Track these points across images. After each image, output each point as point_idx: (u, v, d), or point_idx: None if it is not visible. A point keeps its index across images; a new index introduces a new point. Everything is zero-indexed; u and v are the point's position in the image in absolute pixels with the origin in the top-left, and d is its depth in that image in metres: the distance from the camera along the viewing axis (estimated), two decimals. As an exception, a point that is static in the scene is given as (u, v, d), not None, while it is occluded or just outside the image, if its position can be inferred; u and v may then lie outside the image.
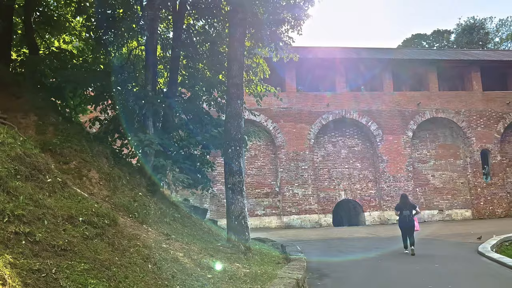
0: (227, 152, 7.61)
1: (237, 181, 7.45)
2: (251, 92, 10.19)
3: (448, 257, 10.42)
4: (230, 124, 7.65)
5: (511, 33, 44.98)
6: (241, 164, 7.59)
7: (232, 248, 6.98)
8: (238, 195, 7.40)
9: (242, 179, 7.56)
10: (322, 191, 22.15)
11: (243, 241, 7.16)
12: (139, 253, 5.24)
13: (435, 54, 25.68)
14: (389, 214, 21.83)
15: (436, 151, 23.31)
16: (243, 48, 8.05)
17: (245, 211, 7.46)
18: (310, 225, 21.17)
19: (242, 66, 7.96)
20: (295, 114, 22.23)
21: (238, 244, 7.07)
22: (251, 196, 21.74)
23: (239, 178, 7.52)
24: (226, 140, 7.68)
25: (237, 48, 7.73)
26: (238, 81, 7.72)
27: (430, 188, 22.80)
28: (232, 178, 7.49)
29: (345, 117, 22.50)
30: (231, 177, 7.52)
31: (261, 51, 10.01)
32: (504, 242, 13.07)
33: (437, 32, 47.32)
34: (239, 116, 7.68)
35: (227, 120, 7.77)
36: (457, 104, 23.07)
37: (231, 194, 7.45)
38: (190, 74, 9.92)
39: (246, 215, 7.42)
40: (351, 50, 25.89)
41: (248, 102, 22.27)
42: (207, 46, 9.47)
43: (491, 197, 22.54)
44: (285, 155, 21.81)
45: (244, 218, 7.32)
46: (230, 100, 7.77)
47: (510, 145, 23.77)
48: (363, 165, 22.71)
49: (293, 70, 22.80)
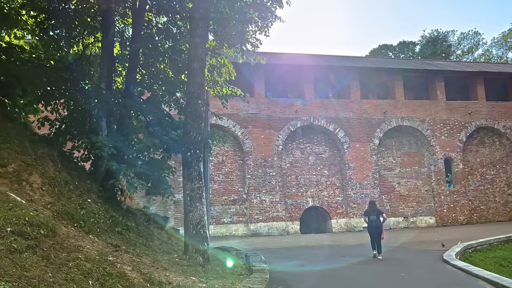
0: (186, 156, 7.04)
1: (197, 187, 6.90)
2: (216, 94, 9.68)
3: (414, 265, 10.29)
4: (189, 126, 7.11)
5: (471, 46, 46.92)
6: (201, 168, 7.07)
7: (189, 260, 6.44)
8: (197, 202, 6.85)
9: (202, 185, 7.02)
10: (289, 198, 21.89)
11: (202, 252, 6.61)
12: (79, 267, 4.63)
13: (401, 64, 26.18)
14: (356, 221, 21.84)
15: (401, 159, 23.62)
16: (205, 45, 7.57)
17: (205, 219, 6.92)
18: (277, 232, 20.82)
19: (204, 64, 7.47)
20: (263, 120, 21.93)
21: (196, 256, 6.52)
22: (217, 203, 21.18)
23: (199, 184, 6.97)
24: (185, 142, 7.12)
25: (198, 44, 7.24)
26: (199, 80, 7.21)
27: (396, 195, 23.03)
28: (191, 183, 6.94)
29: (313, 124, 22.43)
30: (189, 182, 6.96)
31: (227, 51, 9.57)
32: (467, 249, 13.17)
33: (403, 43, 48.66)
34: (199, 117, 7.17)
35: (187, 121, 7.21)
36: (422, 113, 23.52)
37: (189, 201, 6.88)
38: (151, 73, 9.34)
39: (205, 224, 6.88)
40: (320, 58, 25.97)
41: (216, 107, 21.89)
42: (169, 43, 8.95)
43: (453, 204, 23.02)
44: (253, 161, 21.42)
45: (203, 227, 6.78)
46: (190, 99, 7.24)
47: (472, 154, 24.43)
48: (331, 172, 22.67)
49: (262, 75, 22.57)
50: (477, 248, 13.81)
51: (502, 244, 14.73)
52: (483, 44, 47.72)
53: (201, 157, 7.10)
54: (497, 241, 14.75)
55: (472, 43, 47.49)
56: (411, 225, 22.75)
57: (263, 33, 9.88)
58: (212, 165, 21.46)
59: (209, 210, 20.89)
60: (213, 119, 21.64)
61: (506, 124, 24.36)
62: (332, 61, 25.14)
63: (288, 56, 25.53)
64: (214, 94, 9.53)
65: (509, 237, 15.26)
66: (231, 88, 9.60)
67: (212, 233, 20.62)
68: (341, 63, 24.63)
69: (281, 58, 24.69)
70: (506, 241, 15.02)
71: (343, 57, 27.00)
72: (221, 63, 9.35)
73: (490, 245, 14.39)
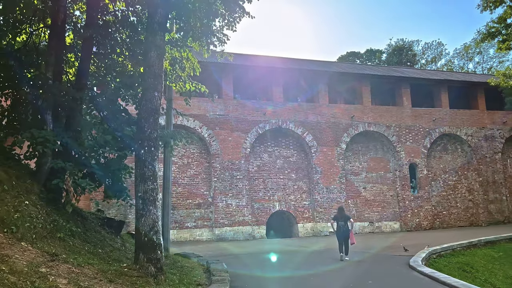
0: (139, 154, 6.35)
1: (150, 188, 6.23)
2: (178, 89, 9.02)
3: (381, 272, 10.03)
4: (144, 120, 6.42)
5: (435, 56, 48.45)
6: (156, 168, 6.40)
7: (140, 270, 5.77)
8: (151, 206, 6.17)
9: (157, 187, 6.36)
10: (256, 202, 21.41)
11: (154, 261, 5.94)
12: (2, 281, 3.90)
13: (369, 70, 26.39)
14: (322, 226, 21.64)
15: (367, 164, 23.71)
16: (165, 33, 6.95)
17: (159, 225, 6.26)
18: (243, 237, 20.26)
19: (163, 53, 6.82)
20: (231, 122, 21.38)
21: (148, 265, 5.85)
22: (181, 207, 20.38)
23: (153, 185, 6.29)
24: (138, 139, 6.43)
25: (157, 31, 6.58)
26: (157, 70, 6.55)
27: (362, 200, 23.05)
28: (144, 185, 6.24)
29: (281, 127, 22.10)
30: (142, 183, 6.26)
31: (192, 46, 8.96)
32: (432, 254, 13.14)
33: (370, 51, 49.57)
34: (155, 111, 6.51)
35: (141, 116, 6.50)
36: (388, 118, 23.73)
37: (141, 205, 6.18)
38: (106, 65, 8.60)
39: (159, 229, 6.22)
40: (290, 61, 25.76)
41: (182, 107, 21.17)
42: (127, 33, 8.25)
43: (417, 209, 23.31)
44: (219, 164, 20.78)
45: (157, 234, 6.11)
46: (145, 91, 6.55)
47: (435, 160, 24.89)
48: (298, 176, 22.40)
49: (231, 77, 22.06)
50: (441, 253, 13.83)
51: (464, 250, 14.88)
52: (446, 55, 49.46)
53: (157, 155, 6.44)
54: (459, 246, 14.88)
55: (435, 53, 49.10)
56: (376, 230, 22.82)
57: (231, 28, 9.37)
58: (176, 167, 20.66)
59: (172, 215, 19.98)
60: (179, 120, 20.97)
61: (468, 131, 25.02)
62: (302, 64, 24.98)
63: (258, 58, 25.16)
64: (176, 90, 8.88)
65: (471, 243, 15.46)
66: (195, 84, 8.97)
67: (175, 238, 19.79)
68: (310, 67, 24.49)
69: (251, 60, 24.29)
70: (468, 247, 15.20)
71: (312, 61, 26.92)
72: (183, 56, 8.70)
73: (453, 250, 14.48)
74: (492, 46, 45.26)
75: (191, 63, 8.97)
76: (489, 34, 17.79)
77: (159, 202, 6.32)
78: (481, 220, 24.28)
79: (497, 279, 13.04)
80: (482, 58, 46.36)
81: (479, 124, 25.34)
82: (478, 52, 45.61)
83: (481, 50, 44.93)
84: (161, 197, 12.66)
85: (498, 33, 17.64)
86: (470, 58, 46.98)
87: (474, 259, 13.98)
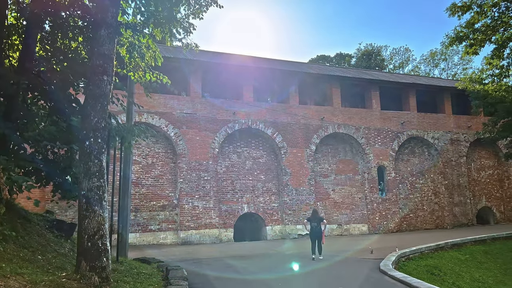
0: (83, 146, 5.54)
1: (96, 186, 5.42)
2: (137, 79, 8.23)
3: (351, 276, 9.62)
4: (90, 108, 5.57)
5: (402, 61, 49.49)
6: (103, 162, 5.59)
7: (81, 280, 4.98)
8: (96, 206, 5.36)
9: (104, 184, 5.54)
10: (224, 204, 20.72)
11: (99, 270, 5.16)
12: None
13: (339, 72, 26.31)
14: (291, 228, 21.23)
15: (336, 166, 23.54)
16: (117, 10, 6.17)
17: (105, 228, 5.46)
18: (209, 240, 19.51)
19: (115, 33, 6.02)
20: (199, 121, 20.60)
21: (90, 275, 5.06)
22: (144, 209, 19.39)
23: (99, 182, 5.47)
24: (83, 129, 5.61)
25: (107, 7, 5.83)
26: (107, 52, 5.75)
27: (331, 202, 22.83)
28: (88, 181, 5.41)
29: (251, 128, 21.54)
30: (86, 180, 5.40)
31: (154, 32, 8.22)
32: (401, 257, 12.94)
33: (340, 55, 50.03)
34: (104, 97, 5.70)
35: (87, 102, 5.64)
36: (357, 120, 23.68)
37: (85, 204, 5.33)
38: (56, 49, 7.71)
39: (106, 233, 5.42)
40: (261, 60, 25.31)
41: (146, 104, 20.23)
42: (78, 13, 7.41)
43: (385, 212, 23.33)
44: (186, 164, 19.95)
45: (103, 238, 5.31)
46: (93, 75, 5.74)
47: (403, 163, 25.07)
48: (267, 177, 21.90)
49: (199, 74, 21.30)
50: (410, 256, 13.69)
51: (432, 252, 14.84)
52: (413, 60, 50.67)
53: (105, 148, 5.66)
54: (428, 249, 14.82)
55: (403, 58, 50.19)
56: (345, 232, 22.65)
57: (197, 16, 8.72)
58: (140, 167, 19.67)
59: (135, 217, 18.95)
60: (143, 117, 19.99)
61: (435, 135, 25.38)
62: (273, 64, 24.58)
63: (229, 56, 24.55)
64: (135, 80, 8.10)
65: (439, 245, 15.45)
66: (156, 75, 8.22)
67: (137, 241, 18.79)
68: (282, 67, 24.12)
69: (221, 58, 23.64)
70: (436, 249, 15.19)
71: (284, 62, 26.59)
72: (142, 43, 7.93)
73: (422, 253, 14.40)
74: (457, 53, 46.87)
75: (152, 52, 8.23)
76: (457, 38, 17.95)
77: (106, 202, 5.55)
78: (446, 223, 24.63)
79: (464, 282, 13.00)
80: (447, 64, 47.81)
81: (445, 128, 25.78)
82: (443, 59, 46.96)
83: (446, 57, 46.30)
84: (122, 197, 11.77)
85: (466, 37, 17.83)
86: (436, 65, 48.32)
87: (442, 262, 13.92)
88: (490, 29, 18.08)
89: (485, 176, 27.15)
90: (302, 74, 23.33)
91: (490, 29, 18.05)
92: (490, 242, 17.25)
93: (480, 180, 26.94)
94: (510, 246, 17.09)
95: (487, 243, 17.17)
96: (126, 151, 9.55)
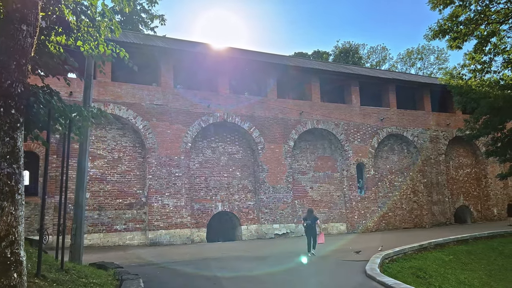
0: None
1: (5, 174, 3.93)
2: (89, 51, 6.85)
3: (336, 283, 8.62)
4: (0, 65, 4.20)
5: (379, 60, 49.39)
6: (17, 142, 4.20)
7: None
8: (5, 201, 4.02)
9: (18, 172, 4.07)
10: (197, 202, 19.44)
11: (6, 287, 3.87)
12: None
13: (318, 65, 25.44)
14: (267, 228, 20.21)
15: (315, 163, 22.68)
16: None
17: (19, 231, 4.07)
18: (180, 241, 18.21)
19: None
20: (171, 113, 19.23)
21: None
22: (110, 208, 17.88)
23: (10, 168, 4.09)
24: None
25: None
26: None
27: (308, 200, 21.93)
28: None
29: (226, 121, 20.34)
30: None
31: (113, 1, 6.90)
32: (385, 259, 12.10)
33: (317, 53, 49.41)
34: (22, 54, 4.17)
35: None
36: (337, 116, 22.88)
37: (-9, 200, 4.04)
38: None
39: (19, 239, 4.06)
40: (238, 51, 24.10)
41: (113, 94, 18.68)
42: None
43: (364, 211, 22.65)
44: (156, 159, 18.55)
45: (13, 245, 3.92)
46: (5, 23, 4.20)
47: (382, 160, 24.48)
48: (243, 174, 20.78)
49: (171, 63, 19.89)
50: (393, 257, 12.88)
51: (416, 253, 14.12)
52: (390, 59, 50.66)
53: (21, 122, 4.31)
54: (411, 249, 14.10)
55: (380, 57, 50.11)
56: (323, 231, 21.75)
57: (164, -15, 7.45)
58: (105, 162, 18.14)
59: (99, 216, 17.35)
60: (109, 108, 18.39)
61: (414, 132, 24.92)
62: (251, 56, 23.43)
63: (204, 46, 23.23)
64: (85, 52, 6.76)
65: (422, 246, 14.76)
66: (111, 47, 6.89)
67: (101, 242, 17.29)
68: (260, 58, 23.02)
69: (195, 47, 22.32)
70: (419, 250, 14.49)
71: (261, 54, 25.47)
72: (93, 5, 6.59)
73: (405, 254, 13.65)
74: (433, 53, 47.10)
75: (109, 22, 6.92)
76: (441, 30, 17.39)
77: (21, 195, 4.23)
78: (425, 222, 24.19)
79: (450, 285, 12.30)
80: (423, 64, 48.00)
81: (424, 126, 25.37)
82: (420, 58, 47.10)
83: (422, 56, 46.42)
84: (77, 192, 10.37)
85: (449, 30, 17.27)
86: (412, 64, 48.46)
87: (426, 263, 13.20)
88: (473, 23, 17.62)
89: (463, 175, 26.97)
90: (281, 67, 22.33)
91: (473, 22, 17.59)
92: (472, 242, 16.75)
93: (458, 179, 26.73)
94: (493, 246, 16.66)
95: (470, 243, 16.67)
96: (81, 138, 8.17)
